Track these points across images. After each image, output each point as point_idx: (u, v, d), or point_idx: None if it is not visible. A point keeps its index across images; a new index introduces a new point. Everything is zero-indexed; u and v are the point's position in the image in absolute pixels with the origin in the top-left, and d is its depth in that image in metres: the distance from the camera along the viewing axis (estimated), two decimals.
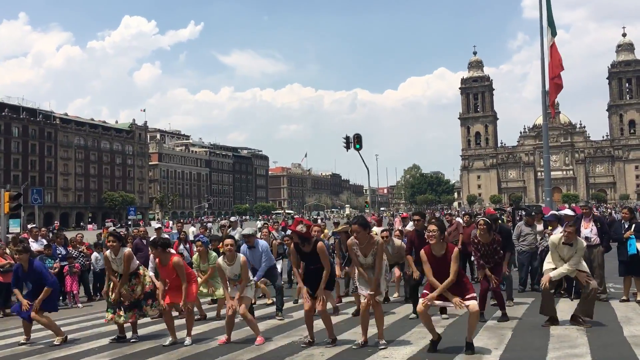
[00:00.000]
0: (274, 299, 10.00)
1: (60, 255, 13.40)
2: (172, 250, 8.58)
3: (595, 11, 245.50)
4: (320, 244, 7.06)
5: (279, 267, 11.65)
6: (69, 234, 17.42)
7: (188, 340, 7.64)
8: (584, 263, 8.01)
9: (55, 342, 8.10)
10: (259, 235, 13.81)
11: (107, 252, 8.24)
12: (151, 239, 9.80)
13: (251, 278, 8.09)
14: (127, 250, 8.19)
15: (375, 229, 10.75)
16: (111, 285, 8.13)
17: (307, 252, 7.05)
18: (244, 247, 9.25)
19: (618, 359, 5.92)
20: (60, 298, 13.94)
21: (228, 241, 7.75)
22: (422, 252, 6.63)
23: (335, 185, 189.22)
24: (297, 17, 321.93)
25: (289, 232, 11.53)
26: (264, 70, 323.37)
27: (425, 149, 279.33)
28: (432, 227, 6.44)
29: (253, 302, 8.76)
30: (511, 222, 22.09)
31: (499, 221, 10.96)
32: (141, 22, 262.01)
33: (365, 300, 6.83)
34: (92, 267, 14.27)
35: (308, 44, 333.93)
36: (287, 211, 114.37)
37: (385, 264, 7.19)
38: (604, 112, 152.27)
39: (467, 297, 6.26)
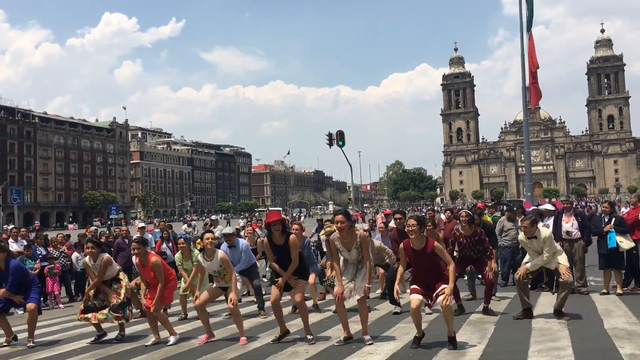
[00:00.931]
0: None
1: (40, 256, 13.24)
2: (152, 250, 8.55)
3: (574, 7, 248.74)
4: (292, 236, 7.09)
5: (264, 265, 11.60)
6: (51, 234, 17.22)
7: (172, 339, 7.59)
8: (564, 256, 8.09)
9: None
10: (242, 233, 13.79)
11: (86, 259, 8.15)
12: (134, 237, 9.75)
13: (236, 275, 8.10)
14: (106, 256, 8.10)
15: (359, 225, 10.75)
16: (92, 292, 8.01)
17: (280, 245, 7.04)
18: (224, 246, 9.22)
19: (599, 351, 5.99)
20: (42, 299, 13.80)
21: (208, 235, 7.67)
22: (401, 246, 6.68)
23: (319, 182, 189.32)
24: (279, 14, 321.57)
25: None
26: (246, 68, 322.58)
27: (408, 145, 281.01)
28: (412, 221, 6.52)
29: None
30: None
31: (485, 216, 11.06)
32: (122, 19, 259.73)
33: (337, 293, 6.75)
34: (73, 268, 14.12)
35: (290, 41, 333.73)
36: (270, 209, 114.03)
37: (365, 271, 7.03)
38: (583, 107, 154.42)
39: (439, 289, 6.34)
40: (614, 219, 9.88)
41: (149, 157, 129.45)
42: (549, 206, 11.69)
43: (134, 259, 8.67)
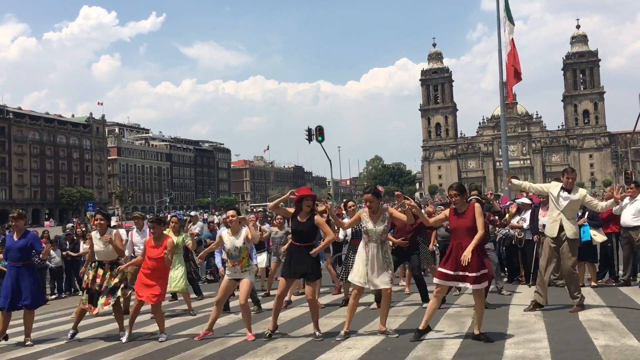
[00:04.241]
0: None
1: None
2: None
3: (551, 3, 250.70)
4: (317, 216, 7.08)
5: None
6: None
7: (163, 337, 7.50)
8: None
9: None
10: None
11: (93, 233, 8.02)
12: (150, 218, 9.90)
13: (252, 263, 8.03)
14: (116, 231, 8.08)
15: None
16: (93, 274, 7.81)
17: (302, 223, 6.99)
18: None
19: (575, 343, 6.07)
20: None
21: (230, 212, 7.54)
22: (448, 210, 6.75)
23: (298, 178, 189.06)
24: (259, 8, 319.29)
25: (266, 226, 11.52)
26: (226, 62, 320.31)
27: (387, 141, 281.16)
28: (452, 191, 6.57)
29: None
30: None
31: None
32: (101, 12, 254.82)
33: (356, 289, 6.83)
34: (47, 264, 13.93)
35: (271, 36, 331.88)
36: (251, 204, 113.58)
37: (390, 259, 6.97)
38: (559, 102, 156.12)
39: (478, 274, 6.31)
40: (587, 213, 10.02)
41: (126, 152, 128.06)
42: (525, 200, 11.80)
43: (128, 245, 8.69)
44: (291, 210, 7.29)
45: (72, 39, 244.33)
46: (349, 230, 9.13)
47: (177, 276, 9.59)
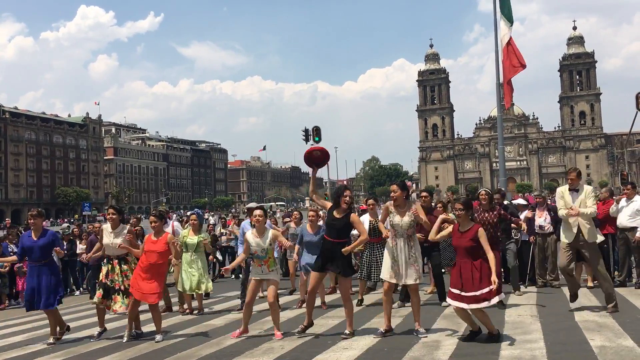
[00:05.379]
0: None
1: (12, 254, 12.98)
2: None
3: (548, 4, 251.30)
4: (353, 214, 6.98)
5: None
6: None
7: (159, 337, 7.48)
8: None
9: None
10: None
11: (105, 225, 7.99)
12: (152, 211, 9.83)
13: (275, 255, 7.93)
14: (128, 226, 8.04)
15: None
16: (106, 270, 7.78)
17: (337, 219, 6.87)
18: (246, 223, 9.07)
19: (570, 343, 6.09)
20: (12, 299, 13.58)
21: (258, 212, 7.34)
22: (452, 226, 6.67)
23: (295, 178, 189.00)
24: (256, 9, 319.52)
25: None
26: (224, 63, 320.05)
27: (384, 141, 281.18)
28: (458, 205, 6.55)
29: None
30: None
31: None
32: (98, 12, 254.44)
33: (387, 284, 6.79)
34: None
35: (268, 36, 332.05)
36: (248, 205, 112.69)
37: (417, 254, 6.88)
38: (555, 103, 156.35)
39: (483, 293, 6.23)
40: None
41: (123, 153, 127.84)
42: (521, 201, 11.85)
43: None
44: (329, 203, 7.22)
45: (70, 39, 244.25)
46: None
47: (201, 276, 9.42)
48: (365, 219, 9.04)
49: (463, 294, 6.25)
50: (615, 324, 6.81)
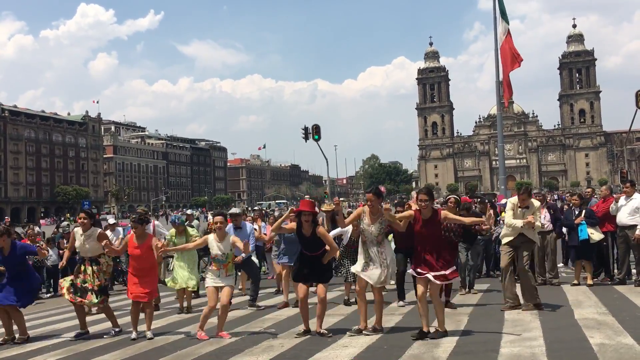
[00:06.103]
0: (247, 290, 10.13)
1: None
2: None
3: (548, 3, 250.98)
4: (320, 227, 7.08)
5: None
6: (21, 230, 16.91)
7: (150, 334, 7.51)
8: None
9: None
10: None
11: (76, 229, 8.16)
12: (132, 217, 9.89)
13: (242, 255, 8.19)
14: (100, 230, 8.11)
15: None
16: (81, 268, 7.91)
17: (307, 237, 7.00)
18: (230, 227, 9.08)
19: (569, 341, 6.09)
20: None
21: (218, 218, 7.53)
22: (413, 212, 6.73)
23: (295, 177, 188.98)
24: (256, 7, 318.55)
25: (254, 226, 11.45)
26: (224, 61, 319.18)
27: (384, 139, 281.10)
28: (423, 196, 6.62)
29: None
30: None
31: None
32: (99, 10, 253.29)
33: (360, 286, 6.88)
34: (45, 263, 13.89)
35: (268, 35, 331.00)
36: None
37: (392, 256, 7.02)
38: (555, 101, 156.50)
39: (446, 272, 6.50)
40: (584, 212, 10.06)
41: (122, 151, 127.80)
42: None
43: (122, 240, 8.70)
44: (293, 226, 7.28)
45: (69, 37, 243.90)
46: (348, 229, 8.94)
47: (190, 271, 9.60)
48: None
49: (427, 273, 6.49)
50: (615, 322, 6.81)
